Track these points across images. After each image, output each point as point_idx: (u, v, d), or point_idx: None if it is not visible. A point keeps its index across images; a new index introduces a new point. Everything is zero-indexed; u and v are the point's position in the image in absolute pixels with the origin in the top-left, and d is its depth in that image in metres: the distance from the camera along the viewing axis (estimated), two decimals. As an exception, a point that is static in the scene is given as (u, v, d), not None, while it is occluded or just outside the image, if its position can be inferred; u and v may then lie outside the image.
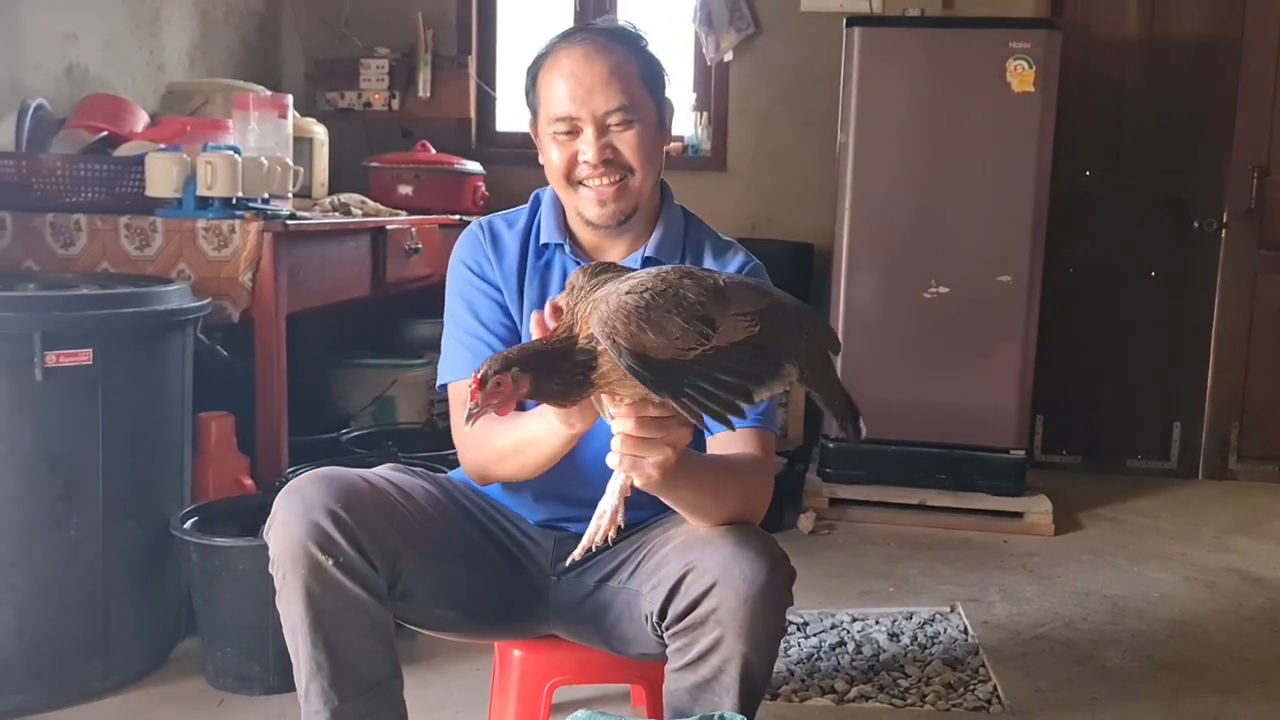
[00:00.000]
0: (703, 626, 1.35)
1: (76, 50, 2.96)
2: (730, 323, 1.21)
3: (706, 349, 1.18)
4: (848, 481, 3.58)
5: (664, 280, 1.21)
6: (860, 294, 3.57)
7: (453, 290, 1.65)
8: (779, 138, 4.13)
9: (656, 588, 1.41)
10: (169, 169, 2.44)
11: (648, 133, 1.55)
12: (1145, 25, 4.06)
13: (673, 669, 1.41)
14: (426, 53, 4.06)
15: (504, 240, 1.64)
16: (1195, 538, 3.47)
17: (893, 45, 3.52)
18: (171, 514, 2.24)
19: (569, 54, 1.52)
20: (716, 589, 1.33)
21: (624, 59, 1.53)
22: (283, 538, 1.39)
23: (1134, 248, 4.14)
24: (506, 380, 1.20)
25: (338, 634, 1.41)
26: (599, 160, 1.51)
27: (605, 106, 1.51)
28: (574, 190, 1.56)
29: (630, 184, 1.55)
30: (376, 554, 1.41)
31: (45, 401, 2.00)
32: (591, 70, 1.50)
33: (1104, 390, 4.22)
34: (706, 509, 1.41)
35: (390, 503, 1.48)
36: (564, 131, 1.53)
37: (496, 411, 1.22)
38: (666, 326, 1.17)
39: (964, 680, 2.36)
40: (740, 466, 1.47)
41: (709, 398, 1.17)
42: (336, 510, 1.38)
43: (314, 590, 1.38)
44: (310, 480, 1.43)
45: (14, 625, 2.04)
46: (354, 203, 3.13)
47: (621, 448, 1.25)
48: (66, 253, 2.49)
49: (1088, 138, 4.07)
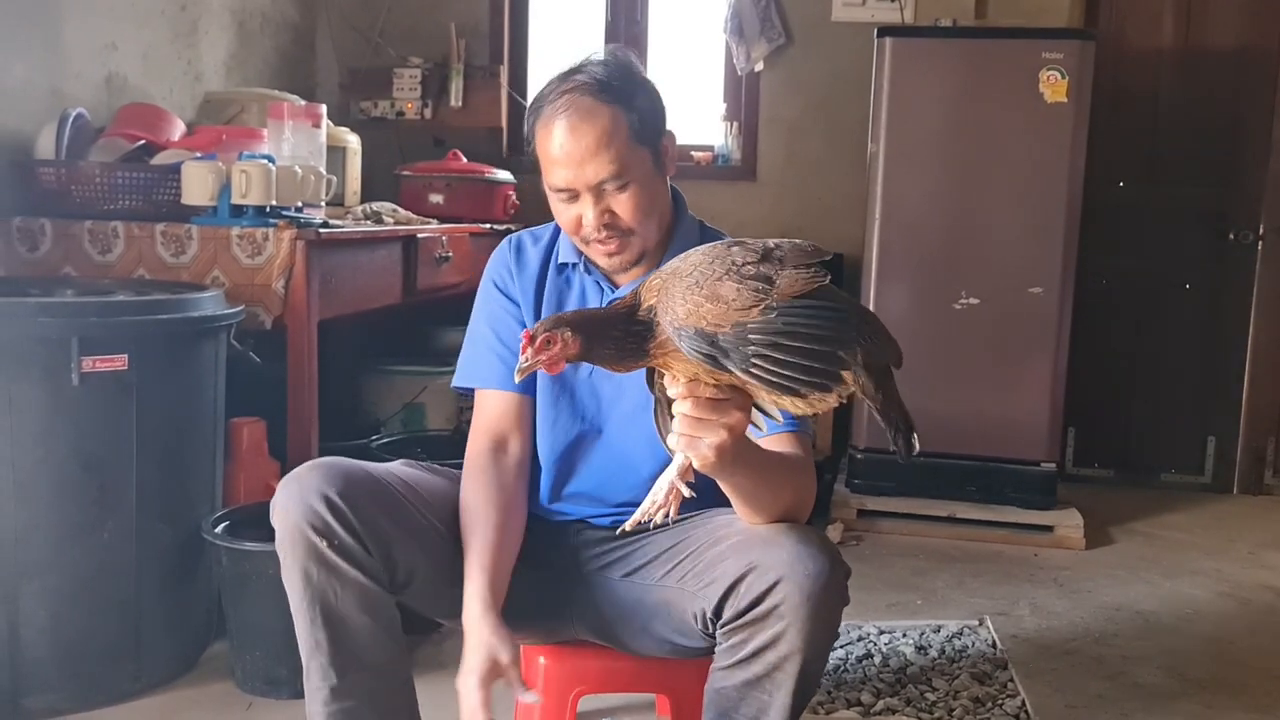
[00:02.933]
0: (763, 622, 1.36)
1: (116, 60, 3.01)
2: (788, 277, 1.19)
3: (768, 304, 1.16)
4: (876, 493, 3.57)
5: (712, 252, 1.23)
6: (890, 305, 3.56)
7: (479, 300, 1.73)
8: (809, 148, 4.13)
9: (711, 585, 1.41)
10: (204, 177, 2.47)
11: (644, 188, 1.56)
12: (1180, 35, 4.03)
13: (721, 666, 1.42)
14: (459, 62, 4.08)
15: (528, 254, 1.70)
16: (1229, 553, 3.43)
17: (924, 55, 3.50)
18: (203, 518, 2.27)
19: (558, 123, 1.52)
20: (781, 585, 1.34)
21: (611, 119, 1.52)
22: (282, 521, 1.46)
23: (1168, 259, 4.10)
24: (557, 338, 1.22)
25: (335, 614, 1.46)
26: (599, 226, 1.55)
27: (597, 177, 1.53)
28: (585, 245, 1.61)
29: (632, 241, 1.58)
30: (370, 538, 1.45)
31: (81, 406, 2.03)
32: (579, 144, 1.51)
33: (1137, 403, 4.18)
34: (764, 500, 1.41)
35: (389, 492, 1.52)
36: (564, 199, 1.57)
37: (546, 368, 1.25)
38: (720, 291, 1.17)
39: (992, 694, 2.34)
40: (794, 463, 1.48)
41: (781, 366, 1.14)
42: (331, 495, 1.43)
43: (311, 572, 1.44)
44: (310, 467, 1.49)
45: (47, 627, 2.07)
46: (386, 211, 3.16)
47: (679, 428, 1.26)
48: (104, 259, 2.53)
49: (1121, 148, 4.04)
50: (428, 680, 1.66)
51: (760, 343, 1.15)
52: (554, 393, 1.64)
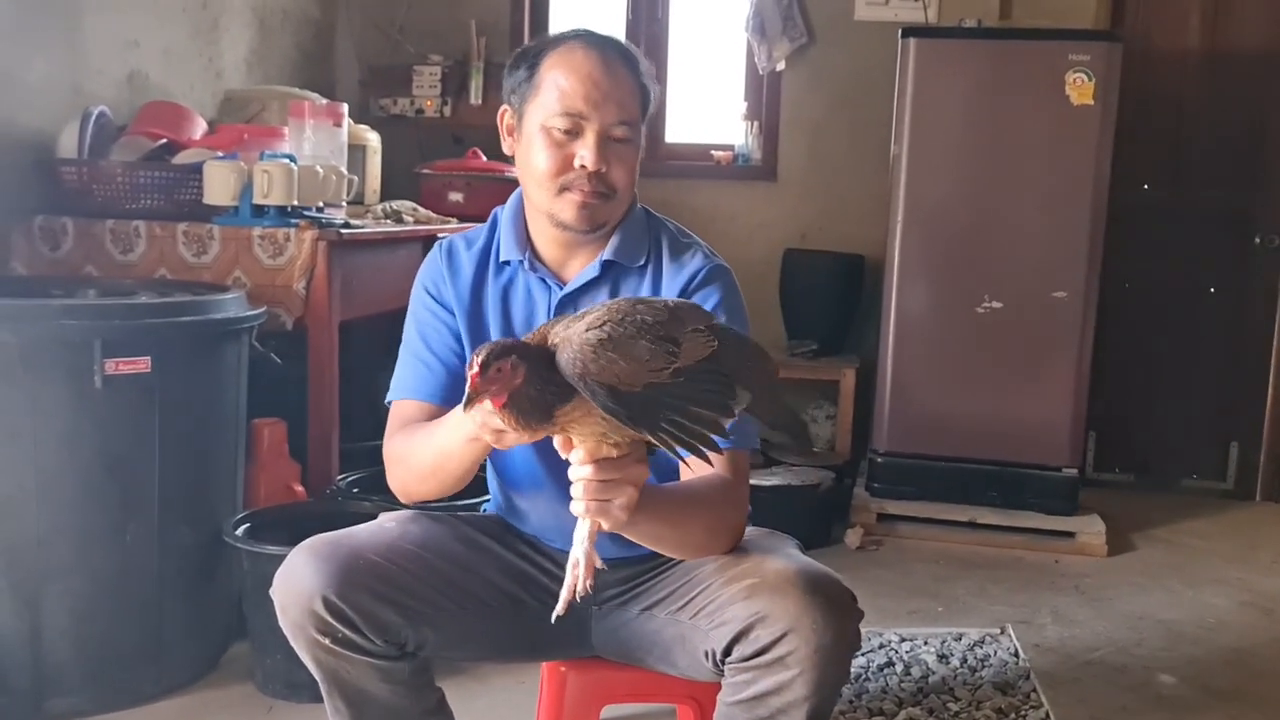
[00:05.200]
0: (770, 669, 1.34)
1: (138, 57, 3.00)
2: (690, 339, 1.21)
3: (675, 366, 1.18)
4: (896, 497, 3.54)
5: (618, 310, 1.21)
6: (912, 307, 3.53)
7: (410, 310, 1.63)
8: (831, 148, 4.10)
9: (720, 627, 1.39)
10: (226, 177, 2.46)
11: (636, 155, 1.54)
12: (1207, 37, 3.98)
13: (729, 701, 1.40)
14: (479, 60, 4.07)
15: (460, 258, 1.62)
16: (1252, 561, 3.40)
17: (948, 56, 3.47)
18: (224, 520, 2.26)
19: (587, 54, 1.49)
20: (788, 638, 1.31)
21: (631, 76, 1.52)
22: (282, 616, 1.44)
23: (1193, 263, 4.07)
24: (506, 366, 1.18)
25: (352, 686, 1.46)
26: (597, 167, 1.48)
27: (616, 117, 1.49)
28: (557, 195, 1.51)
29: (609, 204, 1.53)
30: (372, 629, 1.42)
31: (104, 408, 2.03)
32: (609, 77, 1.48)
33: (1159, 408, 4.14)
34: (667, 541, 1.41)
35: (388, 577, 1.45)
36: (564, 129, 1.48)
37: (493, 399, 1.19)
38: (634, 351, 1.16)
39: (1015, 705, 2.32)
40: (706, 495, 1.44)
41: (685, 431, 1.16)
42: (329, 597, 1.39)
43: (320, 658, 1.44)
44: (305, 558, 1.43)
45: (70, 629, 2.07)
46: (406, 210, 3.15)
47: (585, 494, 1.23)
48: (126, 259, 2.53)
49: (1147, 151, 4.00)
50: (453, 686, 1.65)
51: (673, 406, 1.16)
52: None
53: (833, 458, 3.76)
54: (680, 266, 1.57)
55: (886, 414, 3.58)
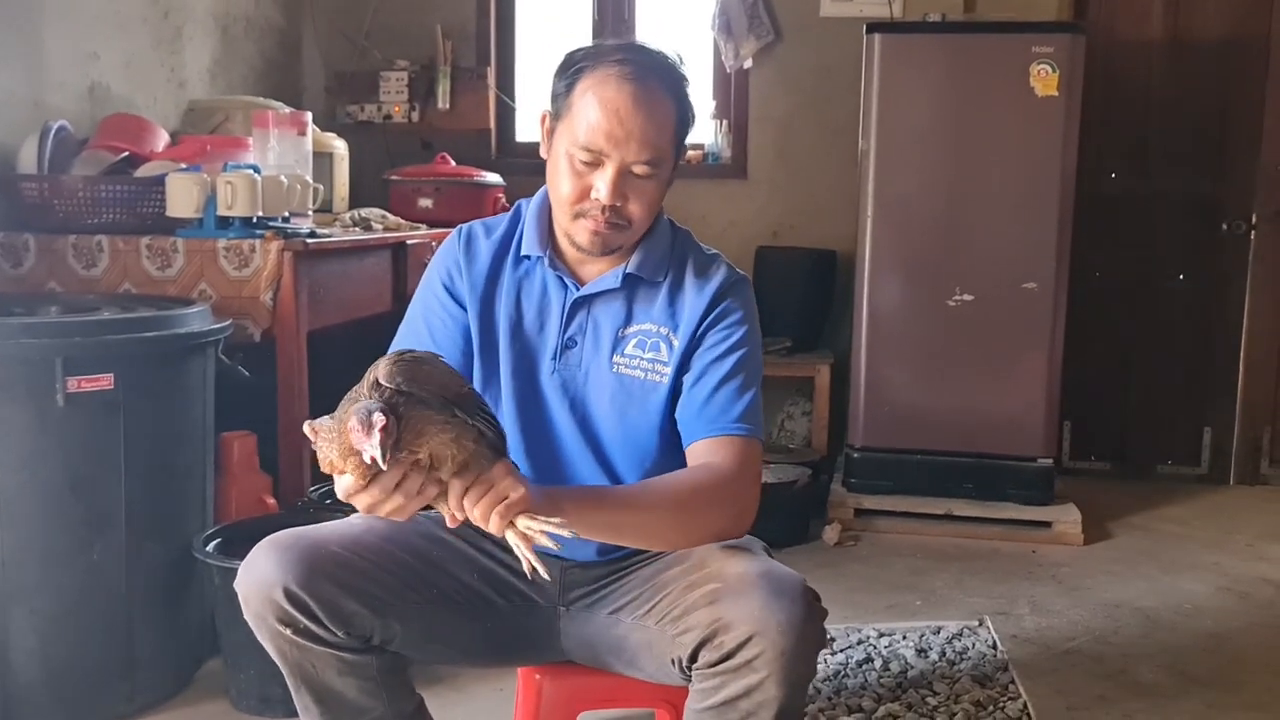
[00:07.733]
0: (738, 673, 1.33)
1: (99, 69, 2.97)
2: None
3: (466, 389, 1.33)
4: (873, 492, 3.55)
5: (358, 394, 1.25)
6: (884, 302, 3.54)
7: (419, 293, 1.64)
8: (800, 145, 4.10)
9: (684, 634, 1.39)
10: (189, 189, 2.44)
11: (660, 188, 1.54)
12: (1170, 26, 4.01)
13: (699, 707, 1.39)
14: (446, 64, 4.05)
15: (478, 246, 1.62)
16: (1228, 546, 3.42)
17: (913, 51, 3.48)
18: (194, 536, 2.24)
19: (619, 86, 1.46)
20: (754, 641, 1.31)
21: (667, 107, 1.50)
22: (245, 607, 1.45)
23: (1162, 251, 4.09)
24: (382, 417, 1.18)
25: (318, 681, 1.47)
26: (611, 202, 1.49)
27: (636, 157, 1.48)
28: (573, 220, 1.53)
29: (624, 233, 1.54)
30: (334, 620, 1.42)
31: (67, 427, 2.00)
32: (636, 115, 1.46)
33: (1133, 395, 4.17)
34: (628, 531, 1.43)
35: (351, 567, 1.45)
36: (584, 161, 1.49)
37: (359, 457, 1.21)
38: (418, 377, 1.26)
39: (993, 698, 2.33)
40: (684, 483, 1.45)
41: (489, 426, 1.27)
42: (290, 587, 1.40)
43: (284, 649, 1.45)
44: (267, 551, 1.44)
45: (37, 649, 2.04)
46: (374, 217, 3.13)
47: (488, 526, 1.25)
48: (89, 274, 2.50)
49: (1113, 141, 4.02)
50: (431, 694, 1.64)
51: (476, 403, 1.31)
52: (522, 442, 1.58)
53: (809, 454, 3.77)
54: (706, 280, 1.59)
55: (861, 409, 3.59)
